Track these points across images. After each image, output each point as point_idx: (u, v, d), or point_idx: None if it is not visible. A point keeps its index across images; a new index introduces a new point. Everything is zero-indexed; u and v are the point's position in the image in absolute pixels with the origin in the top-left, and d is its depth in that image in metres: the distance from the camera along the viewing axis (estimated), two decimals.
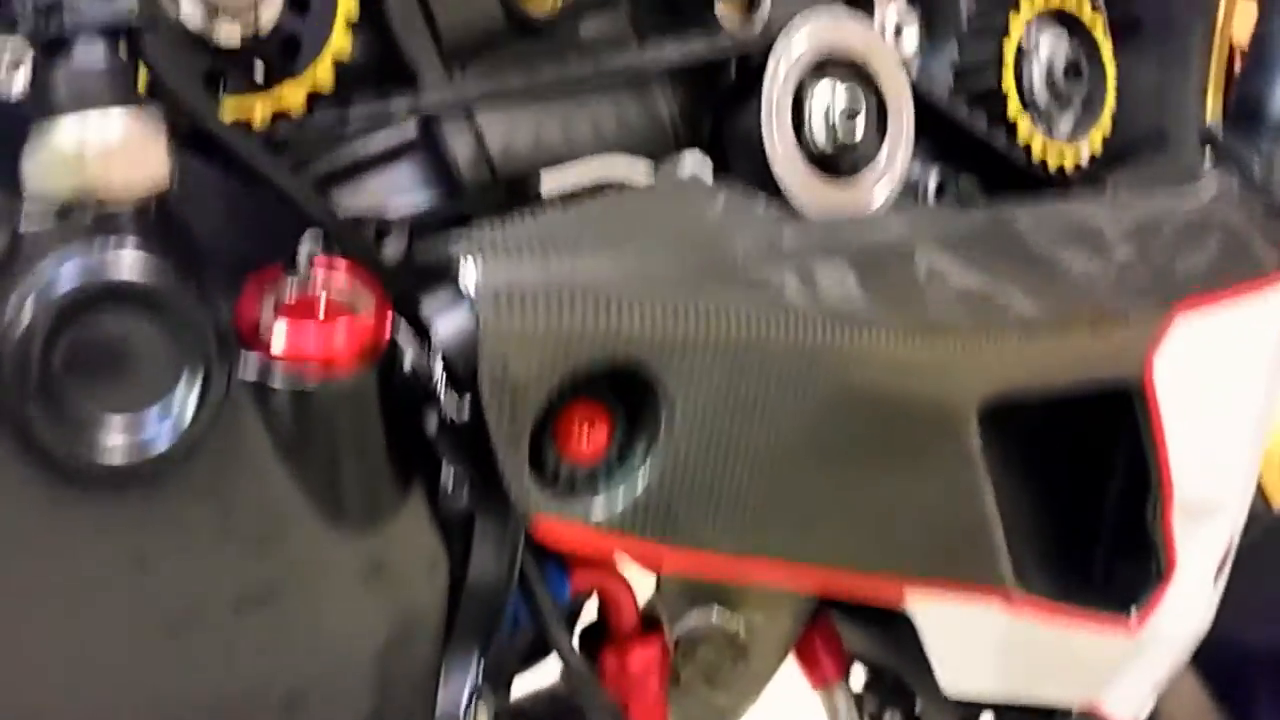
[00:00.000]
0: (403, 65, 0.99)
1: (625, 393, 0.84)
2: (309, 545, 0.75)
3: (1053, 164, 1.21)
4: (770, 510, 0.89)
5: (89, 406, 0.67)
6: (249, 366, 0.73)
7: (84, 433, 0.67)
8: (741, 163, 1.08)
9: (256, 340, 0.74)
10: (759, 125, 1.05)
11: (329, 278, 0.79)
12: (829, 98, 1.06)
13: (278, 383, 0.73)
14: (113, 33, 0.70)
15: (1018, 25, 1.18)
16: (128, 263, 0.68)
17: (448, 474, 0.81)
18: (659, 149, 1.09)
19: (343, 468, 0.76)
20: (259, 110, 0.83)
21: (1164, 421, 1.09)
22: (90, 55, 0.69)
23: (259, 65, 0.86)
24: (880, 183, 1.09)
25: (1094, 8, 1.24)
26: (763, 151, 1.05)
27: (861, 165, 1.09)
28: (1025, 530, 1.09)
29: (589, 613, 1.07)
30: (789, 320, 0.87)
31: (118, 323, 0.68)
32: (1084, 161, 1.24)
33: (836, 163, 1.08)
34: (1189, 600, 1.17)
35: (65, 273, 0.66)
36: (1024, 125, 1.19)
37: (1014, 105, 1.19)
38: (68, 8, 0.68)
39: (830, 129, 1.06)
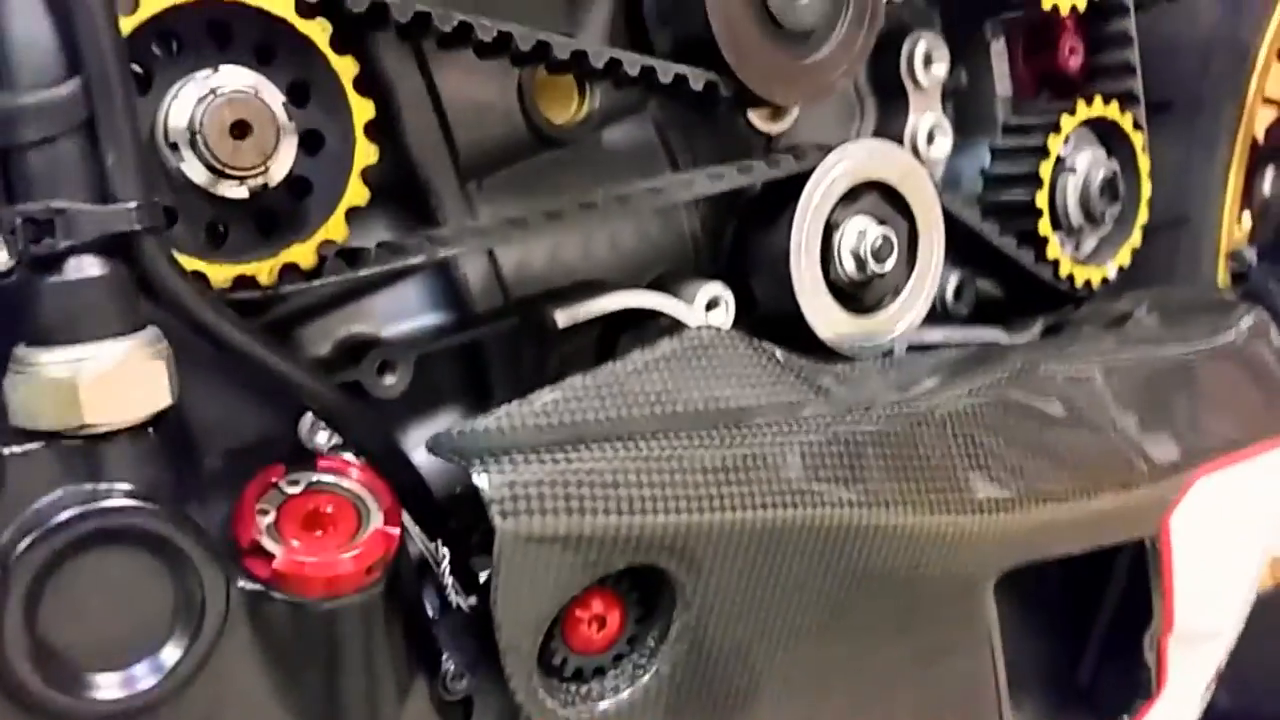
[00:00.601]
0: (416, 182, 0.93)
1: (639, 580, 0.81)
2: None
3: (1079, 280, 1.17)
4: (782, 686, 0.87)
5: (76, 653, 0.62)
6: (247, 581, 0.68)
7: (72, 685, 0.62)
8: (764, 284, 1.04)
9: (257, 551, 0.69)
10: (787, 252, 1.00)
11: (334, 477, 0.74)
12: (861, 233, 1.01)
13: (278, 600, 0.69)
14: (112, 247, 0.64)
15: (1056, 144, 1.13)
16: (121, 504, 0.63)
17: (449, 660, 0.78)
18: (680, 266, 1.05)
19: (346, 677, 0.72)
20: (267, 270, 0.77)
21: (1174, 567, 1.08)
22: (86, 274, 0.63)
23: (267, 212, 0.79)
24: (902, 315, 1.05)
25: (1134, 120, 1.18)
26: (788, 278, 1.00)
27: (886, 297, 1.04)
28: (1019, 656, 1.08)
29: None
30: (810, 510, 0.84)
31: (107, 561, 0.63)
32: (1111, 276, 1.20)
33: (861, 295, 1.03)
34: (1177, 712, 1.17)
35: (53, 509, 0.61)
36: (1053, 244, 1.15)
37: (1045, 224, 1.14)
38: (65, 222, 0.61)
39: (860, 263, 1.01)
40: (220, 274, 0.76)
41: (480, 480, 0.71)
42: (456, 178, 0.93)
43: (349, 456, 0.76)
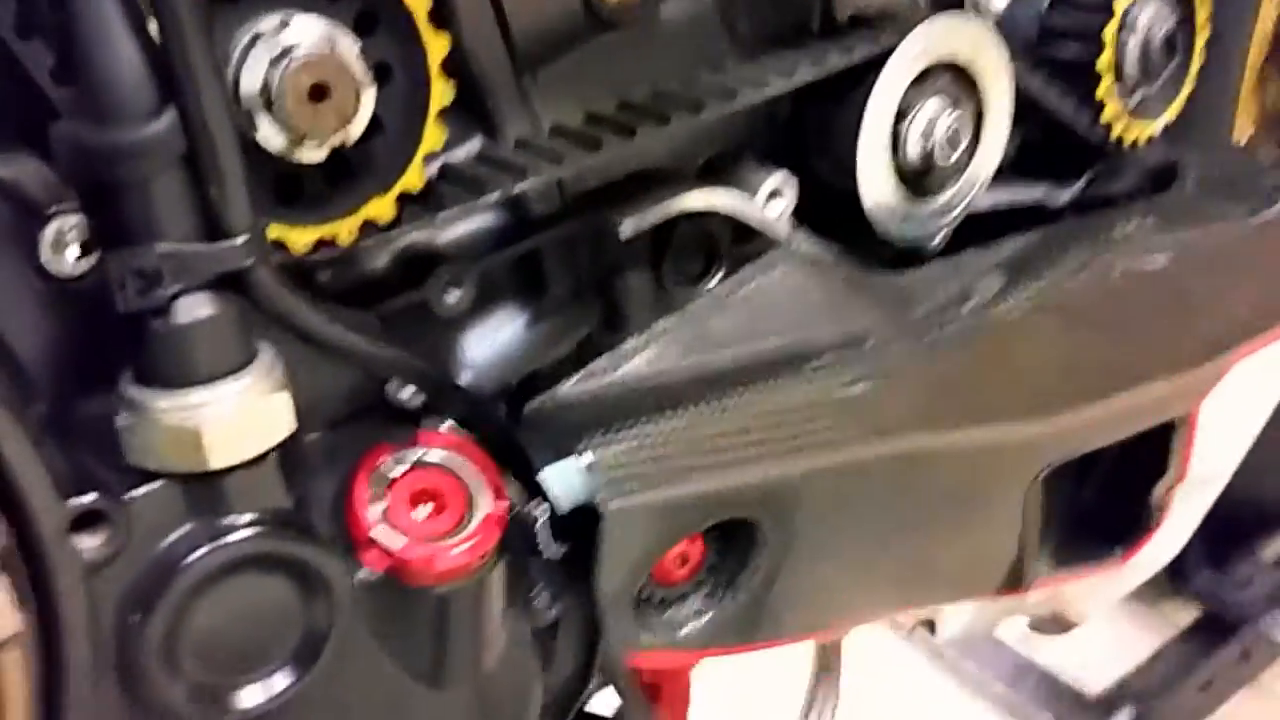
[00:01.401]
0: (470, 77, 0.87)
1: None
2: (426, 713, 0.75)
3: (1127, 139, 1.15)
4: (847, 588, 0.92)
5: (217, 672, 0.64)
6: (365, 571, 0.70)
7: (215, 701, 0.64)
8: (824, 166, 1.01)
9: (373, 544, 0.70)
10: (854, 136, 0.96)
11: (435, 452, 0.74)
12: (932, 119, 0.97)
13: (395, 588, 0.70)
14: (221, 283, 0.60)
15: (1122, 2, 1.08)
16: (247, 534, 0.63)
17: (540, 591, 0.81)
18: (734, 147, 1.01)
19: (458, 640, 0.75)
20: (346, 230, 0.74)
21: (1197, 434, 1.12)
22: (198, 316, 0.59)
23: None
24: (958, 201, 1.03)
25: None
26: (852, 162, 0.97)
27: (947, 183, 1.02)
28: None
29: None
30: (883, 442, 0.86)
31: (238, 586, 0.64)
32: (1157, 132, 1.17)
33: (924, 180, 1.01)
34: (1168, 542, 1.26)
35: (181, 548, 0.61)
36: (1111, 106, 1.11)
37: (1106, 85, 1.10)
38: (173, 266, 0.58)
39: (927, 149, 0.98)
40: (301, 239, 0.73)
41: (580, 461, 0.72)
42: (513, 70, 0.87)
43: (445, 426, 0.75)
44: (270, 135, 0.69)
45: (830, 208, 1.00)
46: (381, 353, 0.69)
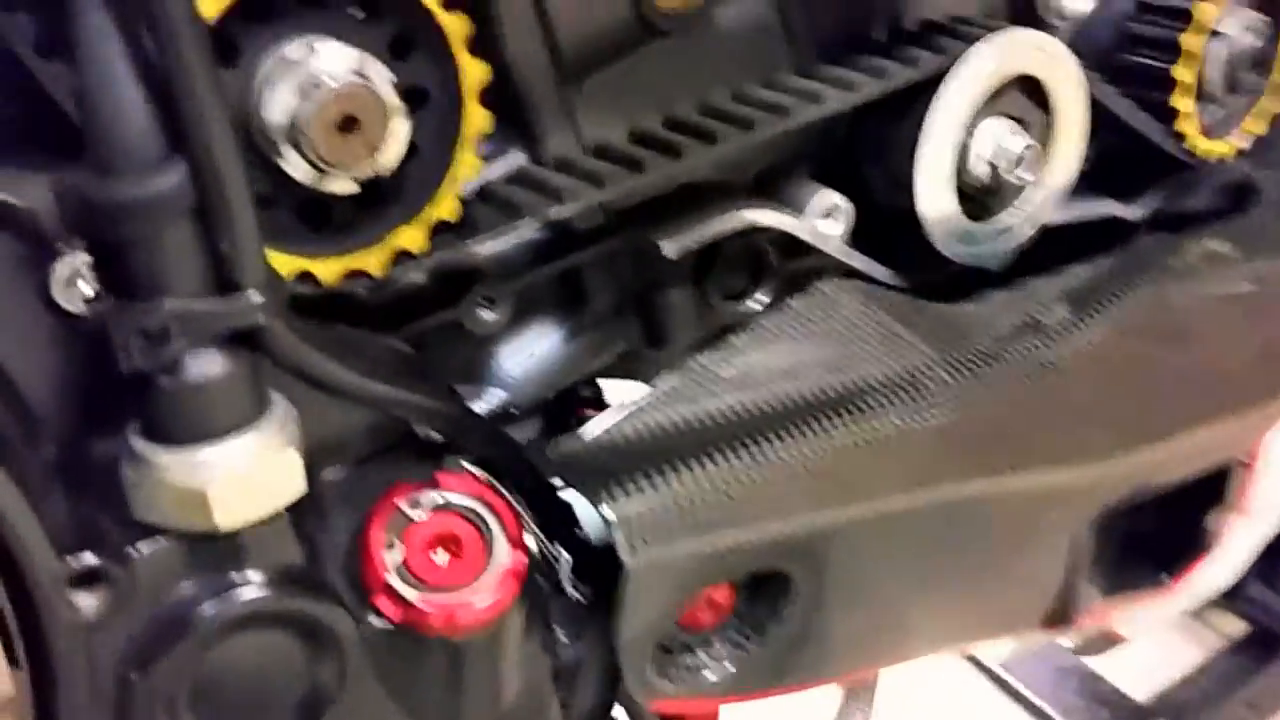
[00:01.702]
0: (511, 86, 0.83)
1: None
2: None
3: (1204, 153, 1.09)
4: (882, 633, 0.89)
5: None
6: (377, 618, 0.67)
7: None
8: (880, 182, 0.96)
9: (387, 591, 0.68)
10: (913, 152, 0.92)
11: (456, 496, 0.71)
12: (999, 138, 0.92)
13: (408, 636, 0.68)
14: (233, 339, 0.57)
15: (1209, 13, 1.01)
16: (256, 594, 0.60)
17: (560, 631, 0.79)
18: (784, 160, 0.96)
19: (473, 684, 0.73)
20: (375, 260, 0.71)
21: (1258, 469, 1.08)
22: (207, 373, 0.57)
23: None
24: (1025, 221, 0.98)
25: None
26: (910, 179, 0.93)
27: (1012, 201, 0.97)
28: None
29: None
30: (933, 490, 0.82)
31: (246, 640, 0.62)
32: (1235, 151, 1.11)
33: (987, 199, 0.96)
34: (1224, 569, 1.21)
35: (186, 605, 0.59)
36: (1190, 119, 1.05)
37: (1186, 98, 1.04)
38: (181, 323, 0.55)
39: (993, 171, 0.93)
40: (328, 271, 0.70)
41: (602, 512, 0.69)
42: (556, 79, 0.83)
43: (468, 467, 0.72)
44: (296, 166, 0.66)
45: (887, 224, 0.96)
46: (401, 397, 0.66)
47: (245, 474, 0.57)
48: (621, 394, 0.99)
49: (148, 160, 0.53)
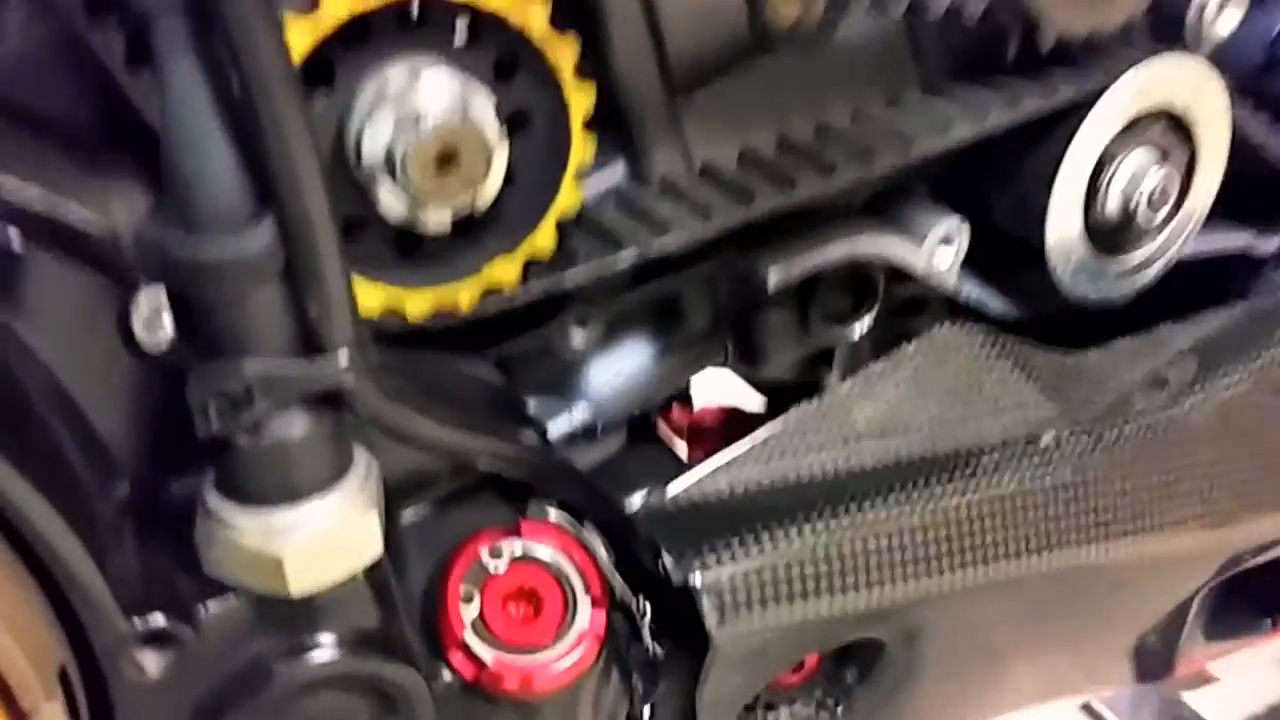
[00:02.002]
0: (618, 99, 0.78)
1: None
2: None
3: None
4: (976, 695, 0.85)
5: None
6: (451, 673, 0.65)
7: None
8: (1003, 213, 0.90)
9: (462, 648, 0.65)
10: (1046, 184, 0.85)
11: (539, 545, 0.68)
12: (1136, 173, 0.86)
13: (482, 694, 0.65)
14: (317, 400, 0.54)
15: None
16: (328, 657, 0.58)
17: (636, 685, 0.76)
18: (900, 183, 0.90)
19: None
20: (466, 294, 0.67)
21: None
22: (290, 435, 0.53)
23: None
24: (1156, 259, 0.91)
25: None
26: (1041, 211, 0.86)
27: (1144, 239, 0.91)
28: None
29: None
30: (1043, 557, 0.77)
31: (317, 701, 0.59)
32: None
33: (1117, 235, 0.90)
34: None
35: (258, 665, 0.57)
36: None
37: None
38: (265, 385, 0.52)
39: (1128, 205, 0.87)
40: (417, 304, 0.66)
41: (690, 580, 0.65)
42: (665, 93, 0.78)
43: (552, 513, 0.69)
44: (391, 202, 0.62)
45: (1002, 251, 0.90)
46: (484, 446, 0.63)
47: (323, 539, 0.54)
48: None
49: (235, 219, 0.50)
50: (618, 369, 0.87)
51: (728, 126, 0.80)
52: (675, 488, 0.67)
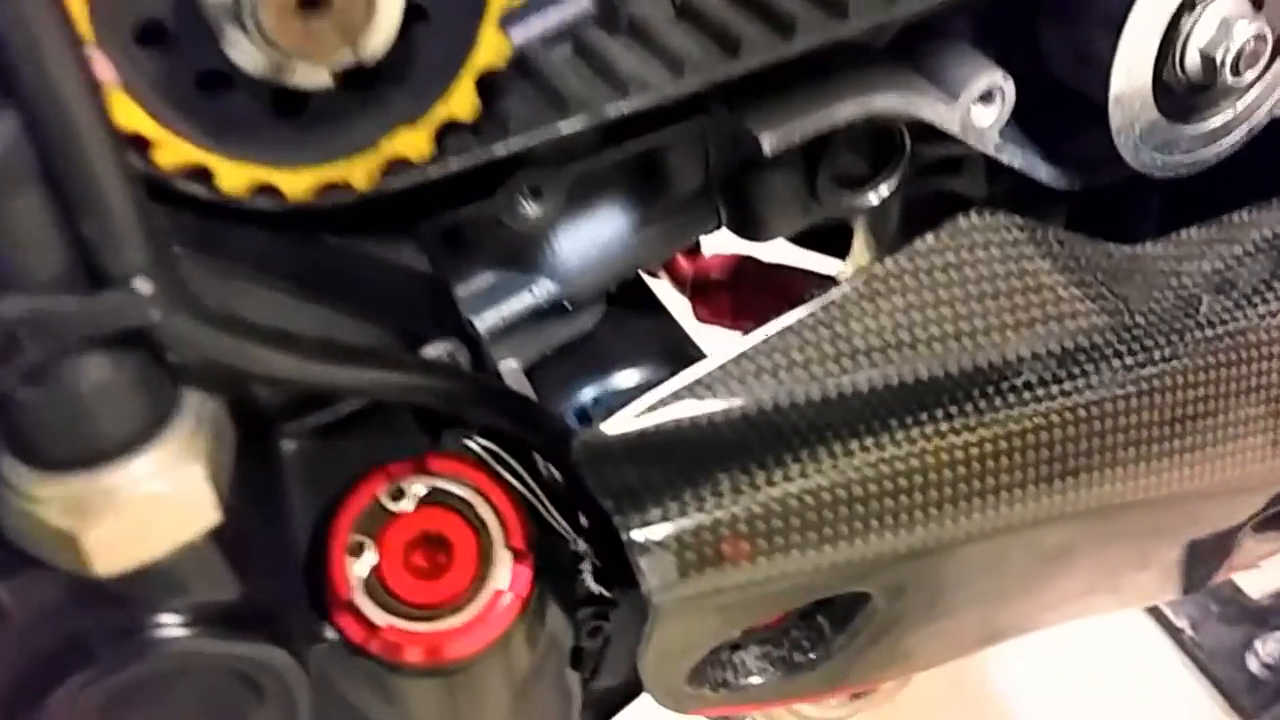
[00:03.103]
0: None
1: None
2: None
3: None
4: (968, 632, 0.74)
5: None
6: (339, 635, 0.54)
7: None
8: (1061, 60, 0.74)
9: (350, 609, 0.54)
10: (1119, 26, 0.69)
11: (451, 483, 0.56)
12: (1223, 26, 0.69)
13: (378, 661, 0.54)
14: (114, 341, 0.41)
15: None
16: (167, 635, 0.47)
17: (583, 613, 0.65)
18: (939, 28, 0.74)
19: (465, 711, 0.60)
20: (362, 171, 0.53)
21: None
22: (82, 384, 0.41)
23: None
24: (1236, 128, 0.75)
25: None
26: (1104, 63, 0.70)
27: (1224, 103, 0.74)
28: None
29: None
30: (1080, 494, 0.64)
31: (171, 687, 0.49)
32: None
33: (1190, 100, 0.73)
34: None
35: (78, 651, 0.46)
36: None
37: None
38: (34, 327, 0.39)
39: (1208, 64, 0.70)
40: (297, 184, 0.52)
41: (627, 537, 0.53)
42: None
43: (472, 444, 0.56)
44: (245, 55, 0.48)
45: (1055, 108, 0.74)
46: (363, 379, 0.50)
47: (133, 510, 0.42)
48: None
49: None
50: (590, 238, 0.74)
51: None
52: (619, 421, 0.54)
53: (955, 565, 0.63)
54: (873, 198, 0.76)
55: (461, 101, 0.53)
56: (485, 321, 0.72)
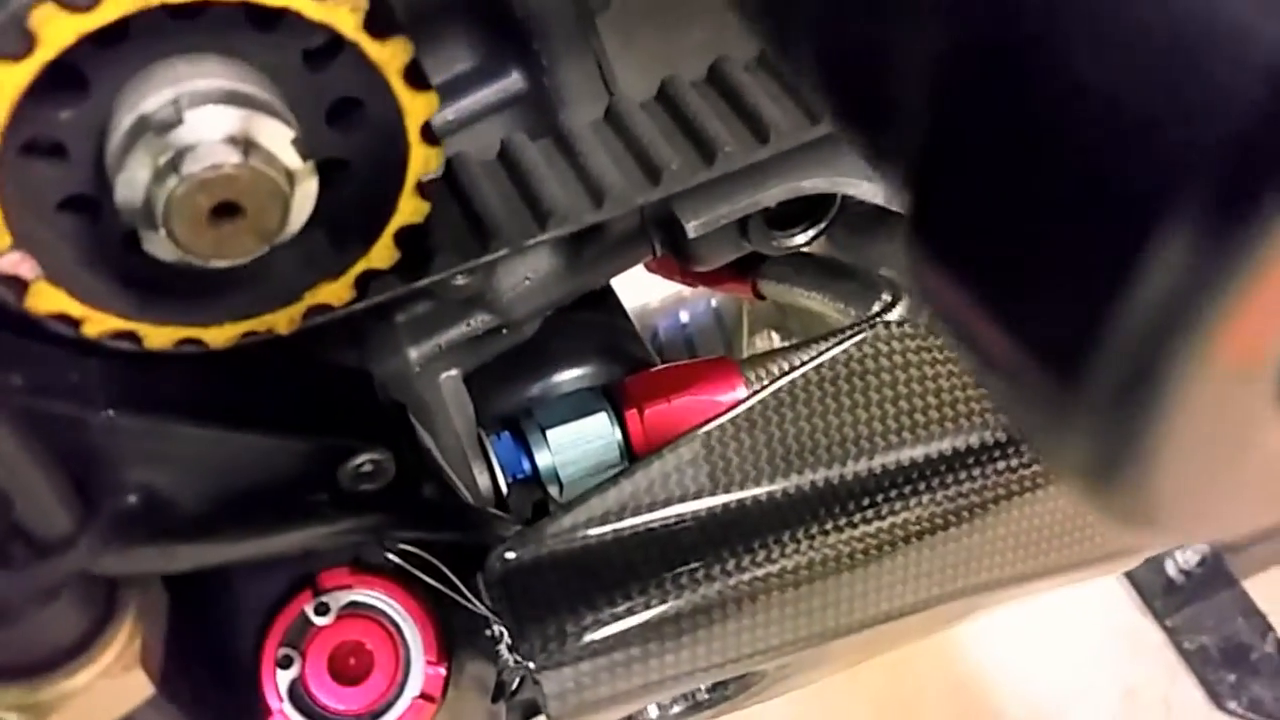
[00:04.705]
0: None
1: None
2: None
3: None
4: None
5: None
6: None
7: None
8: None
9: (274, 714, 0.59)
10: None
11: (369, 595, 0.61)
12: None
13: None
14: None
15: None
16: None
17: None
18: None
19: None
20: (283, 320, 0.56)
21: None
22: (35, 616, 0.44)
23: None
24: None
25: None
26: None
27: None
28: None
29: None
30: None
31: None
32: None
33: None
34: None
35: None
36: None
37: None
38: None
39: None
40: (221, 335, 0.55)
41: (531, 670, 0.58)
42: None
43: (391, 557, 0.61)
44: (162, 250, 0.50)
45: None
46: (315, 534, 0.54)
47: (80, 702, 0.47)
48: None
49: None
50: (526, 273, 0.76)
51: (651, 32, 0.64)
52: (521, 547, 0.58)
53: (844, 643, 0.68)
54: (800, 240, 0.78)
55: (381, 255, 0.55)
56: (422, 349, 0.75)
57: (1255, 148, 0.16)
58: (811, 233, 0.78)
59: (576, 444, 0.71)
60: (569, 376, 0.81)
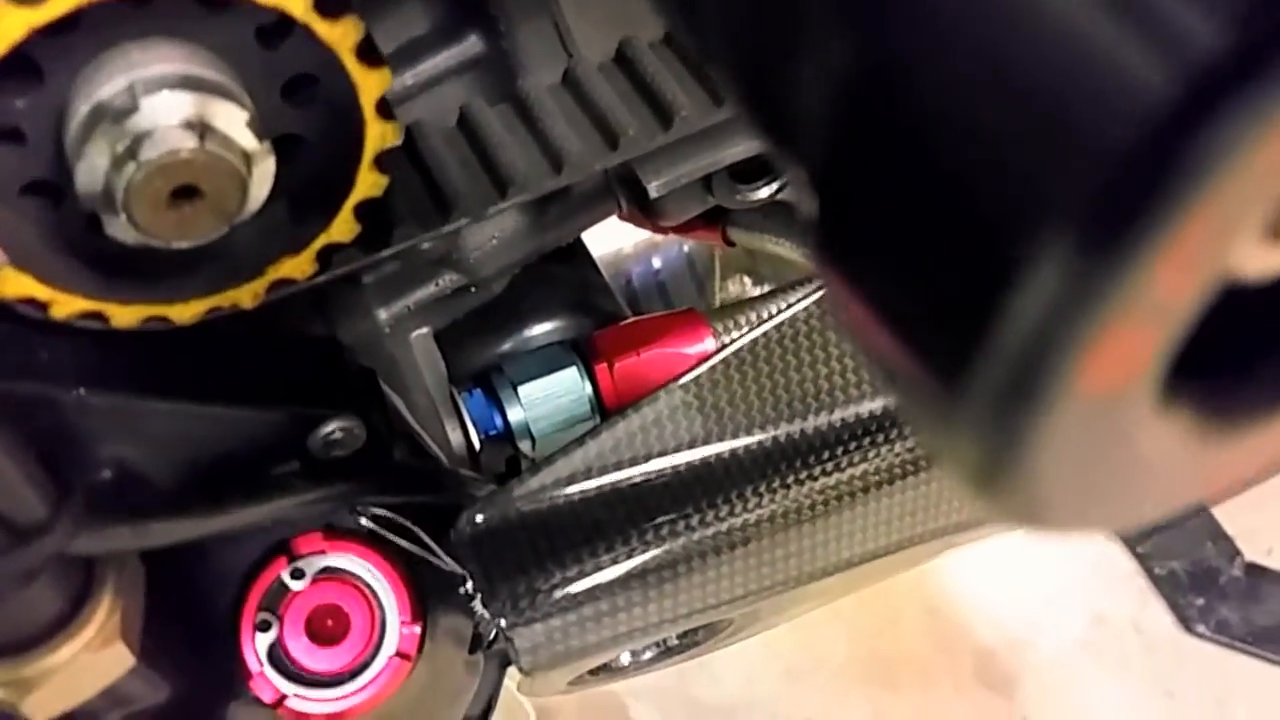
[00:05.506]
0: None
1: None
2: None
3: None
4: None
5: None
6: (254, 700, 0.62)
7: None
8: None
9: (260, 678, 0.61)
10: None
11: (344, 558, 0.62)
12: None
13: None
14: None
15: None
16: None
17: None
18: None
19: None
20: (249, 294, 0.57)
21: None
22: (15, 598, 0.46)
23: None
24: None
25: None
26: None
27: None
28: None
29: None
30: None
31: None
32: None
33: None
34: None
35: None
36: None
37: None
38: None
39: None
40: (186, 312, 0.56)
41: (500, 627, 0.60)
42: None
43: (365, 521, 0.62)
44: (123, 233, 0.50)
45: None
46: (283, 505, 0.55)
47: (62, 678, 0.48)
48: None
49: None
50: (492, 232, 0.77)
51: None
52: (490, 509, 0.60)
53: (809, 588, 0.70)
54: (764, 193, 0.79)
55: (342, 229, 0.56)
56: (391, 310, 0.76)
57: (1118, 190, 0.17)
58: (775, 185, 0.79)
59: (548, 399, 0.73)
60: (540, 331, 0.82)
